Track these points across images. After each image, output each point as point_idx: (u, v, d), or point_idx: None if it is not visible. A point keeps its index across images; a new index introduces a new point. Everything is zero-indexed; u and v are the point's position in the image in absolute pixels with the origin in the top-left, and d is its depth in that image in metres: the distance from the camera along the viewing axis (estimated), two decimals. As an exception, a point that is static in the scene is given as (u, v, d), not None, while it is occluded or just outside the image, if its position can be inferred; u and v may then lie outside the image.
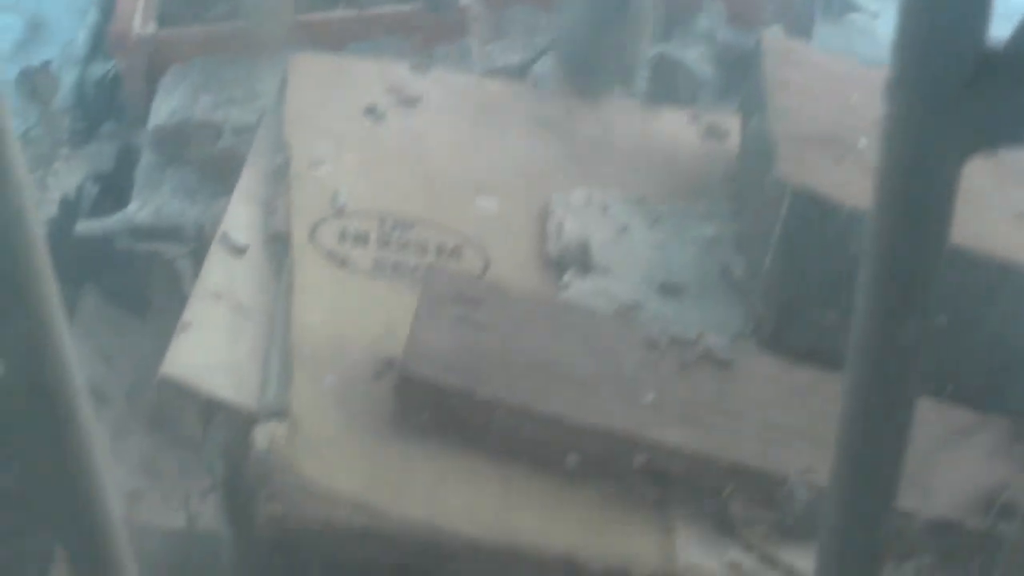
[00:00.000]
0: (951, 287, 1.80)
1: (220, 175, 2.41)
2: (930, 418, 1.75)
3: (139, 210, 2.50)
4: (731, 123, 2.27)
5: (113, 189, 2.73)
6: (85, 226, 2.49)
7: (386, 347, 1.75)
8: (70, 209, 2.61)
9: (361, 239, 1.95)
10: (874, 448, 1.03)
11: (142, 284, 2.51)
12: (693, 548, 1.64)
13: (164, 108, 2.64)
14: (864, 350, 0.96)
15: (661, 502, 1.67)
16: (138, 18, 2.83)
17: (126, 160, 2.79)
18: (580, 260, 1.97)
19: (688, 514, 1.66)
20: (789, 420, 1.71)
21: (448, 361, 1.68)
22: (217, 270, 1.90)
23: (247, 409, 1.70)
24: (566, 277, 1.94)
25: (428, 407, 1.67)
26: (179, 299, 1.98)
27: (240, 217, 2.00)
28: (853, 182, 1.83)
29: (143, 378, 2.25)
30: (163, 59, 2.76)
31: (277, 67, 2.38)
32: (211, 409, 1.73)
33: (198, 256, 2.04)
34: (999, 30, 0.79)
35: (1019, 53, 0.76)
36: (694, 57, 2.63)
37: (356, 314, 1.83)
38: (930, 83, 0.76)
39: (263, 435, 1.64)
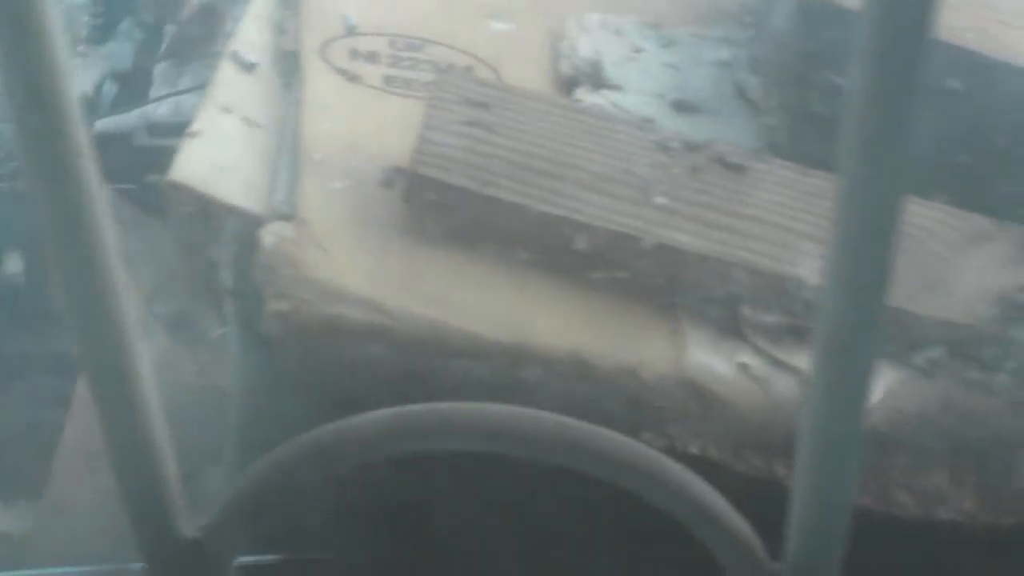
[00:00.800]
0: (973, 96, 1.79)
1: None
2: (947, 224, 1.73)
3: (157, 106, 2.49)
4: (750, -43, 2.24)
5: (132, 88, 2.72)
6: (103, 123, 2.48)
7: (397, 156, 1.73)
8: (89, 107, 2.61)
9: (372, 57, 1.93)
10: (868, 244, 1.02)
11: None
12: (702, 349, 1.63)
13: (185, 3, 2.63)
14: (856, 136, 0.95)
15: (671, 304, 1.65)
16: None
17: (145, 59, 2.79)
18: (592, 77, 1.95)
19: (697, 316, 1.65)
20: (801, 224, 1.69)
21: (458, 162, 1.66)
22: (226, 85, 1.88)
23: (256, 212, 1.69)
24: (578, 92, 1.93)
25: (438, 209, 1.66)
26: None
27: (250, 37, 1.98)
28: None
29: (164, 279, 2.25)
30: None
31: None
32: (220, 214, 1.72)
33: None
34: None
35: None
36: None
37: (367, 125, 1.82)
38: None
39: (270, 234, 1.63)
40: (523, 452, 1.16)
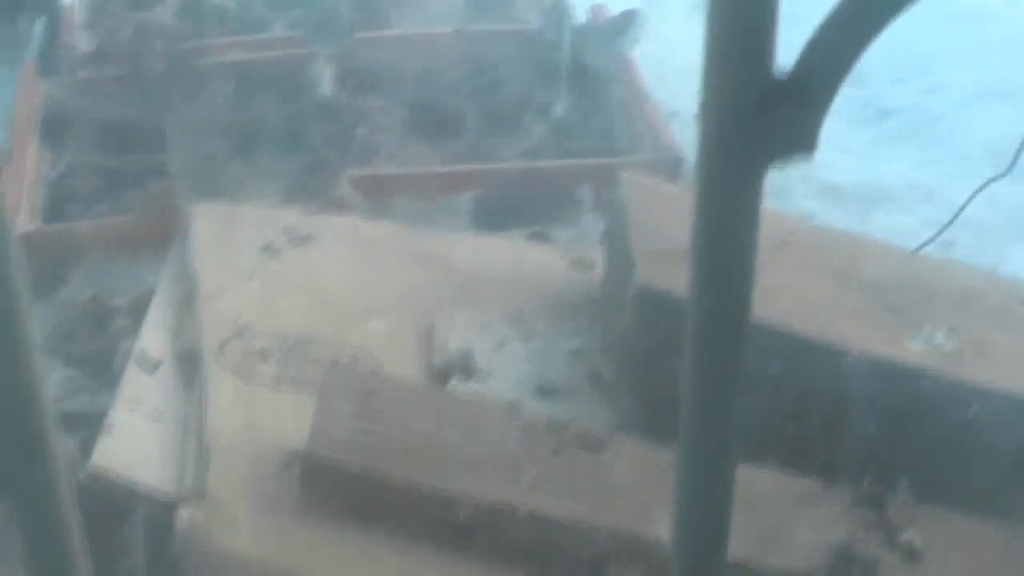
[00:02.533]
0: (800, 374, 2.04)
1: (105, 368, 2.54)
2: (779, 488, 1.97)
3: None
4: (595, 256, 2.50)
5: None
6: None
7: (291, 443, 1.93)
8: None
9: (264, 356, 2.15)
10: (705, 504, 1.23)
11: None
12: (575, 606, 1.84)
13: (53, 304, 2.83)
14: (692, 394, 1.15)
15: (545, 571, 1.86)
16: (23, 214, 2.99)
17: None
18: (463, 368, 2.18)
19: (568, 576, 1.86)
20: (659, 492, 1.91)
21: (348, 446, 1.87)
22: (134, 383, 2.09)
23: (169, 497, 1.88)
24: (452, 382, 2.15)
25: (332, 489, 1.86)
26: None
27: (153, 339, 2.20)
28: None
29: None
30: (51, 255, 2.92)
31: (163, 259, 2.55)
32: (135, 499, 1.91)
33: (87, 444, 2.10)
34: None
35: (798, 81, 0.98)
36: None
37: (263, 418, 2.03)
38: (725, 108, 0.99)
39: (184, 516, 1.83)
40: None
